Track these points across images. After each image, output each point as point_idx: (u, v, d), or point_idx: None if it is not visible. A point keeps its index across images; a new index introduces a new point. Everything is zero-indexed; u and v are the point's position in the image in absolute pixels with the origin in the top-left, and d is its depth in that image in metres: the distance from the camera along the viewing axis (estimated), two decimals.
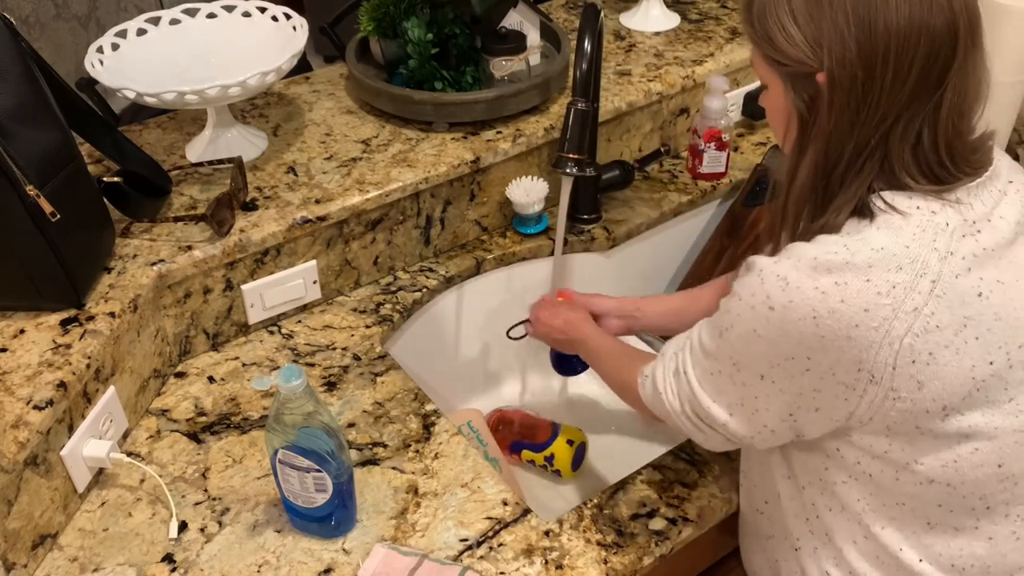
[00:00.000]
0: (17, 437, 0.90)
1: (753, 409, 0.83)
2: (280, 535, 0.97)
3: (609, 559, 0.96)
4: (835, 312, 0.74)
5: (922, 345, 0.74)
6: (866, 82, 0.74)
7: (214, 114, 1.27)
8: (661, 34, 1.62)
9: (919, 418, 0.77)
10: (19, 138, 0.95)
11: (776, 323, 0.76)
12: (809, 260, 0.75)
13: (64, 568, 0.95)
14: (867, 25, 0.73)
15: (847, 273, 0.74)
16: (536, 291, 1.45)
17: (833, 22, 0.74)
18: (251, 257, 1.18)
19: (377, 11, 1.36)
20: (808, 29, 0.76)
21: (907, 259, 0.74)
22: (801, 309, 0.75)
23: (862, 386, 0.76)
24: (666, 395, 0.91)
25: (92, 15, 3.01)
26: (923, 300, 0.74)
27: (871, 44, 0.73)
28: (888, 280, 0.73)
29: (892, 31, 0.73)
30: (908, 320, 0.73)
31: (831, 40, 0.75)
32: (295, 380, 0.85)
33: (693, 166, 1.53)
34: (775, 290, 0.76)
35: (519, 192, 1.36)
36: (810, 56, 0.76)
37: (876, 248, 0.75)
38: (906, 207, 0.77)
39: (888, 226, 0.76)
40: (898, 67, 0.74)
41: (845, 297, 0.73)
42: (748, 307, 0.79)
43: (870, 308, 0.73)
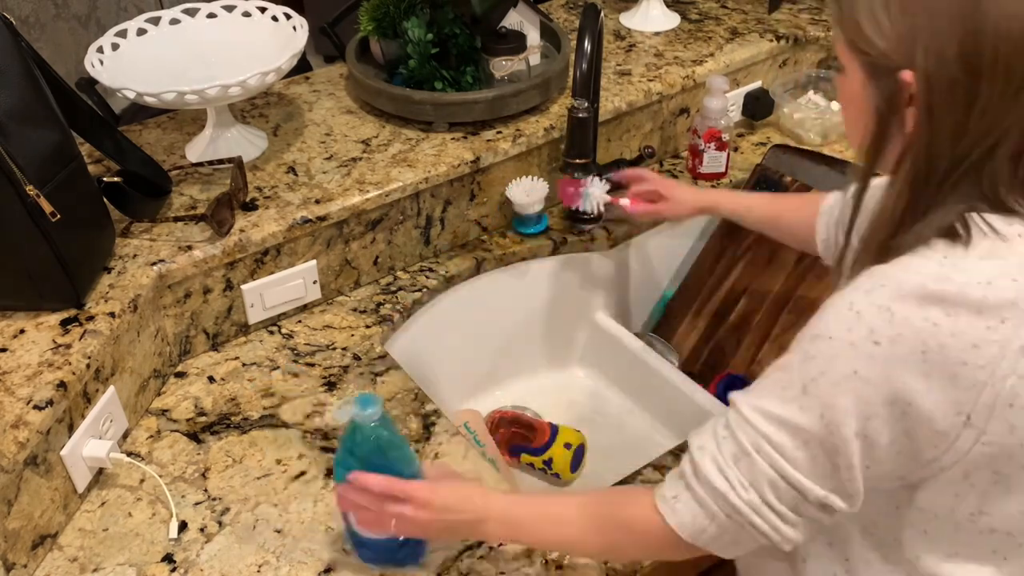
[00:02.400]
0: (17, 437, 0.90)
1: (847, 477, 0.72)
2: (280, 535, 0.97)
3: None
4: (944, 347, 0.67)
5: (1022, 388, 0.68)
6: (969, 88, 0.67)
7: (214, 114, 1.27)
8: (661, 34, 1.62)
9: (999, 463, 0.71)
10: (19, 138, 0.95)
11: (882, 360, 0.68)
12: (915, 288, 0.68)
13: (64, 568, 0.95)
14: (975, 25, 0.66)
15: (959, 305, 0.67)
16: (536, 291, 1.45)
17: (932, 16, 0.67)
18: (251, 257, 1.18)
19: (377, 11, 1.36)
20: (902, 22, 0.69)
21: (1014, 293, 0.68)
22: (910, 342, 0.68)
23: (956, 431, 0.70)
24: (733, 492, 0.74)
25: (92, 15, 3.01)
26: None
27: (976, 46, 0.66)
28: (999, 315, 0.67)
29: (1002, 34, 0.66)
30: (1014, 359, 0.68)
31: (929, 36, 0.67)
32: (372, 408, 0.81)
33: (693, 166, 1.53)
34: (880, 323, 0.68)
35: (519, 192, 1.36)
36: (899, 51, 0.69)
37: (984, 281, 0.68)
38: (1007, 232, 0.70)
39: (992, 255, 0.69)
40: (1009, 75, 0.67)
41: (956, 331, 0.67)
42: (846, 345, 0.69)
43: (979, 344, 0.67)
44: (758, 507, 0.74)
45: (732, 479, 0.74)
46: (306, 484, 1.03)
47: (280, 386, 1.15)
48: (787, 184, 1.46)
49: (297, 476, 1.04)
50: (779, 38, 1.61)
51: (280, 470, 1.04)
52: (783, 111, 1.63)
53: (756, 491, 0.74)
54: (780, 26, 1.65)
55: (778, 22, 1.66)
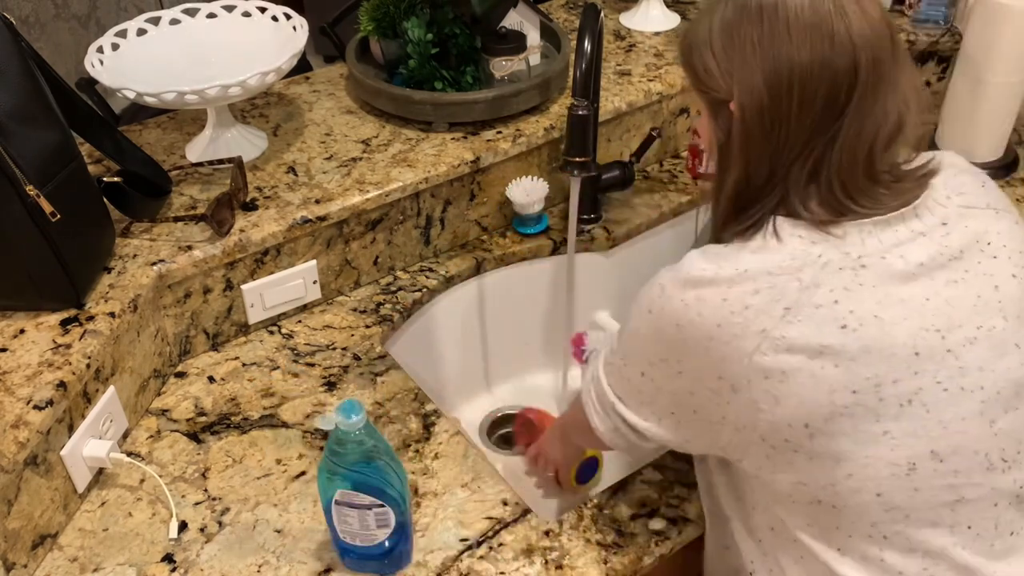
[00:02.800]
0: (17, 437, 0.90)
1: (640, 402, 0.89)
2: (280, 535, 0.97)
3: (609, 559, 0.96)
4: (693, 323, 0.81)
5: (771, 364, 0.78)
6: (772, 111, 0.80)
7: (214, 114, 1.27)
8: (661, 34, 1.62)
9: (783, 431, 0.80)
10: (19, 138, 0.95)
11: (652, 326, 0.84)
12: (684, 274, 0.83)
13: (64, 568, 0.95)
14: (771, 58, 0.79)
15: (708, 289, 0.80)
16: (537, 290, 1.46)
17: (743, 54, 0.81)
18: (251, 257, 1.18)
19: (377, 11, 1.36)
20: (723, 61, 0.82)
21: (766, 284, 0.79)
22: (668, 316, 0.82)
23: (726, 393, 0.81)
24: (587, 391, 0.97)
25: (92, 15, 3.01)
26: (773, 323, 0.78)
27: (776, 75, 0.79)
28: (742, 301, 0.79)
29: (795, 65, 0.78)
30: (755, 340, 0.78)
31: (740, 71, 0.81)
32: (355, 416, 0.81)
33: (693, 166, 1.53)
34: (654, 296, 0.84)
35: (519, 192, 1.36)
36: (723, 85, 0.83)
37: (740, 270, 0.80)
38: (787, 235, 0.82)
39: (762, 251, 0.81)
40: (803, 99, 0.79)
41: (702, 311, 0.80)
42: (637, 309, 0.87)
43: (722, 324, 0.79)
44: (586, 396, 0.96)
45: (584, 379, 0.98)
46: (306, 484, 1.03)
47: (280, 386, 1.15)
48: None
49: (297, 476, 1.04)
50: None
51: (280, 470, 1.04)
52: None
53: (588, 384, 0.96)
54: None
55: None
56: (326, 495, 0.87)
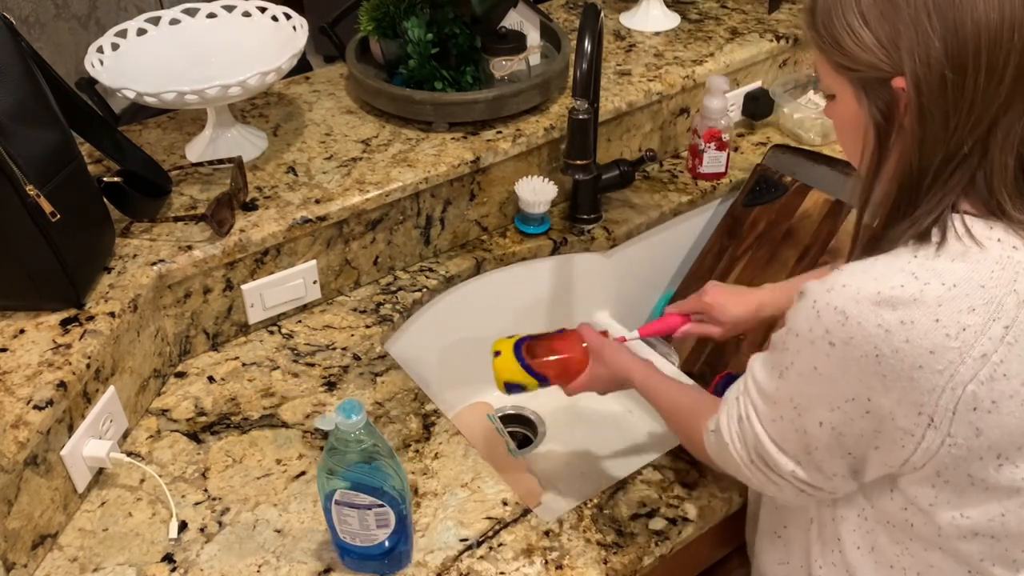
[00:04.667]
0: (17, 437, 0.90)
1: (820, 458, 0.78)
2: (280, 535, 0.97)
3: (609, 559, 0.96)
4: (899, 352, 0.69)
5: (986, 393, 0.70)
6: (956, 83, 0.69)
7: (214, 114, 1.27)
8: (661, 34, 1.62)
9: (972, 465, 0.73)
10: (19, 138, 0.95)
11: (837, 360, 0.72)
12: (871, 294, 0.70)
13: (64, 568, 0.95)
14: (953, 22, 0.68)
15: (914, 311, 0.69)
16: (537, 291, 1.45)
17: (913, 21, 0.69)
18: (251, 257, 1.18)
19: (377, 11, 1.36)
20: (881, 30, 0.71)
21: (981, 300, 0.69)
22: (862, 346, 0.70)
23: (921, 431, 0.72)
24: (733, 445, 0.85)
25: (92, 15, 3.01)
26: (993, 346, 0.69)
27: (959, 42, 0.68)
28: (959, 322, 0.68)
29: (982, 27, 0.67)
30: (975, 366, 0.69)
31: (911, 40, 0.69)
32: (355, 416, 0.81)
33: (693, 166, 1.53)
34: (834, 325, 0.71)
35: (527, 190, 1.36)
36: (885, 59, 0.71)
37: (949, 284, 0.69)
38: (985, 237, 0.71)
39: (964, 258, 0.70)
40: (991, 65, 0.68)
41: (910, 337, 0.69)
42: (807, 343, 0.74)
43: (936, 351, 0.69)
44: (747, 464, 0.85)
45: (734, 436, 0.85)
46: (306, 484, 1.03)
47: (280, 386, 1.15)
48: (787, 184, 1.46)
49: (297, 476, 1.04)
50: (779, 38, 1.61)
51: (280, 470, 1.04)
52: (783, 111, 1.63)
53: (747, 451, 0.84)
54: (780, 26, 1.65)
55: (778, 22, 1.66)
56: (326, 495, 0.87)
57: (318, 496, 0.98)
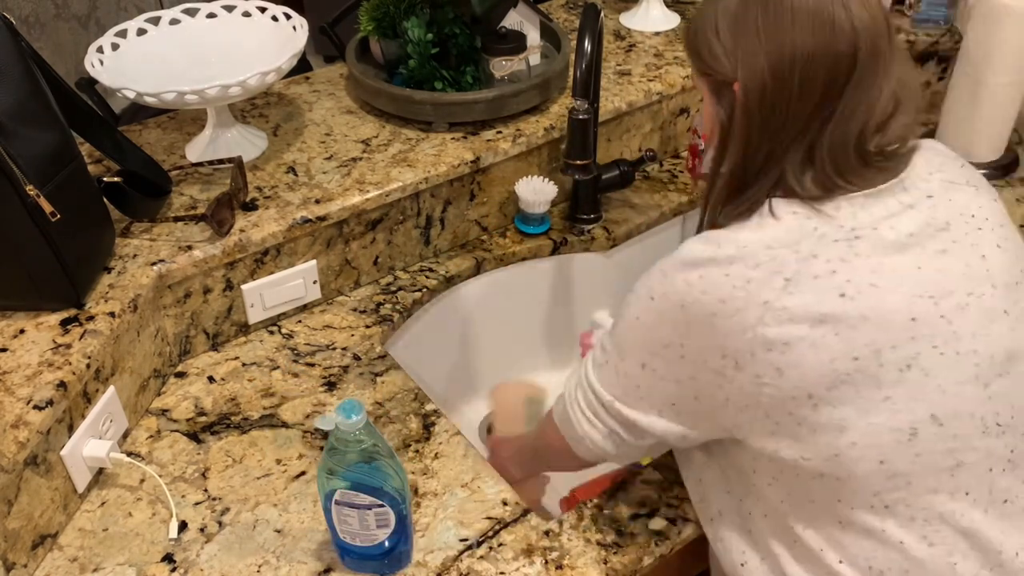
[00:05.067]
0: (17, 437, 0.90)
1: (638, 397, 0.90)
2: (280, 535, 0.97)
3: (609, 559, 0.96)
4: (698, 301, 0.82)
5: (775, 335, 0.79)
6: (775, 93, 0.82)
7: (214, 114, 1.27)
8: (661, 34, 1.62)
9: (787, 404, 0.81)
10: (19, 138, 0.95)
11: (654, 310, 0.86)
12: (684, 256, 0.85)
13: (64, 568, 0.95)
14: (777, 41, 0.81)
15: (710, 268, 0.82)
16: (537, 290, 1.46)
17: (747, 37, 0.83)
18: (251, 257, 1.18)
19: (377, 11, 1.36)
20: (727, 42, 0.85)
21: (766, 257, 0.81)
22: (672, 298, 0.84)
23: (729, 372, 0.82)
24: (567, 393, 0.98)
25: (92, 15, 3.01)
26: (775, 295, 0.80)
27: (779, 59, 0.81)
28: (744, 275, 0.81)
29: (798, 48, 0.80)
30: (759, 311, 0.80)
31: (745, 52, 0.83)
32: (355, 416, 0.81)
33: (693, 166, 1.53)
34: (656, 282, 0.86)
35: (527, 190, 1.36)
36: (727, 66, 0.85)
37: (740, 246, 0.82)
38: (782, 212, 0.84)
39: (760, 228, 0.83)
40: (804, 81, 0.81)
41: (706, 288, 0.82)
42: (636, 297, 0.88)
43: (726, 299, 0.81)
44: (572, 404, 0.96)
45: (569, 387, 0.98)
46: (306, 484, 1.03)
47: (280, 386, 1.15)
48: None
49: (297, 476, 1.04)
50: None
51: (280, 470, 1.04)
52: None
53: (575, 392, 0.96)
54: None
55: None
56: (326, 495, 0.87)
57: (318, 496, 0.98)
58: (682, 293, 0.83)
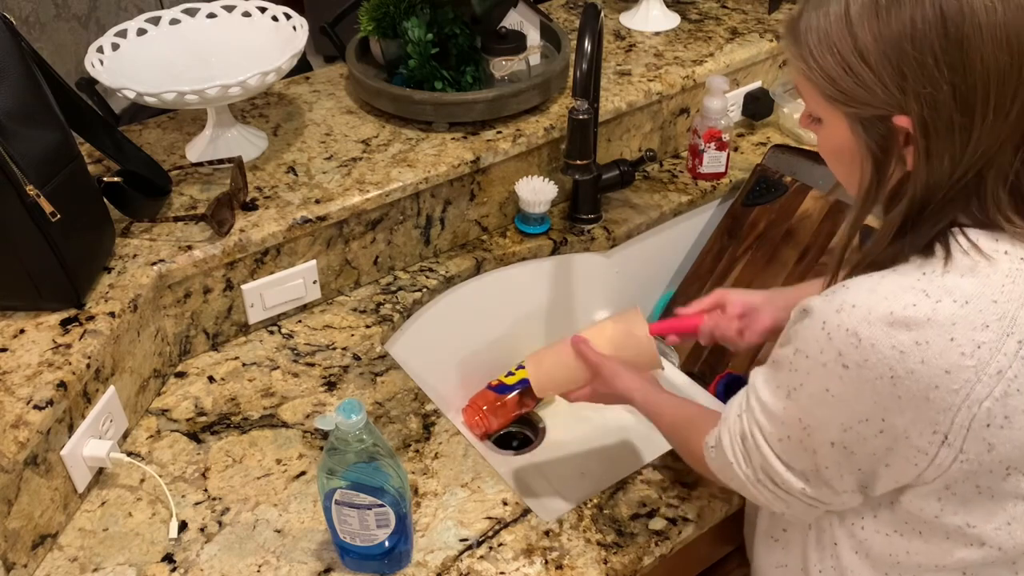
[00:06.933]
0: (17, 437, 0.90)
1: (829, 476, 0.78)
2: (280, 535, 0.97)
3: (609, 559, 0.96)
4: (914, 373, 0.69)
5: (1000, 409, 0.70)
6: (964, 125, 0.69)
7: (214, 114, 1.27)
8: (661, 34, 1.62)
9: (979, 478, 0.74)
10: (19, 138, 0.95)
11: (851, 382, 0.71)
12: (883, 314, 0.69)
13: (64, 568, 0.95)
14: (962, 67, 0.67)
15: (928, 330, 0.68)
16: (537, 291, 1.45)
17: (920, 64, 0.67)
18: (251, 257, 1.18)
19: (377, 11, 1.36)
20: (884, 71, 0.69)
21: (994, 315, 0.69)
22: (877, 368, 0.69)
23: (935, 449, 0.72)
24: (737, 464, 0.84)
25: (92, 15, 3.01)
26: (1008, 362, 0.69)
27: (967, 86, 0.67)
28: (973, 339, 0.68)
29: (991, 70, 0.67)
30: (991, 384, 0.69)
31: (918, 84, 0.68)
32: (355, 416, 0.81)
33: (693, 166, 1.53)
34: (847, 348, 0.70)
35: (527, 190, 1.36)
36: (887, 100, 0.70)
37: (961, 301, 0.69)
38: (992, 251, 0.71)
39: (973, 273, 0.70)
40: (999, 104, 0.68)
41: (926, 358, 0.68)
42: (819, 365, 0.73)
43: (952, 370, 0.68)
44: (754, 483, 0.84)
45: (737, 454, 0.84)
46: (306, 484, 1.03)
47: (280, 386, 1.15)
48: (787, 184, 1.46)
49: (297, 476, 1.04)
50: (779, 38, 1.61)
51: (280, 470, 1.04)
52: (783, 111, 1.63)
53: (753, 470, 0.83)
54: (780, 26, 1.65)
55: (778, 22, 1.66)
56: (326, 495, 0.87)
57: (318, 496, 0.98)
58: (892, 362, 0.69)
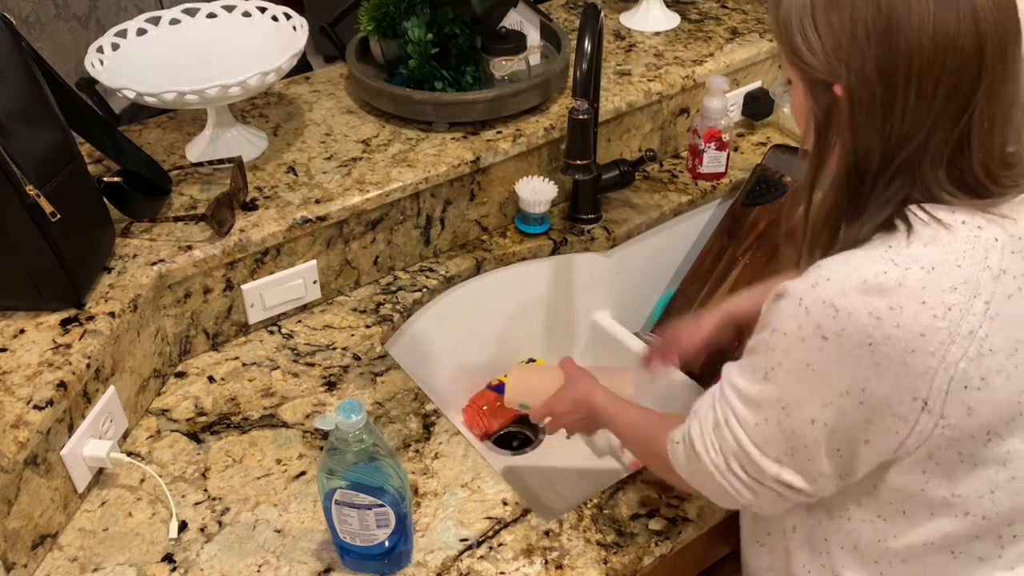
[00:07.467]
0: (17, 437, 0.90)
1: (806, 458, 0.77)
2: (280, 535, 0.98)
3: (609, 559, 0.96)
4: (891, 338, 0.70)
5: (975, 370, 0.71)
6: (886, 100, 0.72)
7: (214, 114, 1.27)
8: (661, 34, 1.62)
9: (961, 444, 0.74)
10: (19, 138, 0.95)
11: (831, 353, 0.72)
12: (857, 283, 0.71)
13: (64, 568, 0.95)
14: (888, 41, 0.70)
15: (901, 295, 0.70)
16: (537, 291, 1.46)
17: (852, 35, 0.72)
18: (251, 257, 1.18)
19: (377, 11, 1.36)
20: (828, 39, 0.73)
21: (960, 279, 0.71)
22: (856, 337, 0.71)
23: (915, 416, 0.72)
24: (707, 453, 0.83)
25: (92, 15, 3.01)
26: (978, 322, 0.70)
27: (892, 61, 0.70)
28: (943, 301, 0.70)
29: (915, 50, 0.70)
30: (964, 344, 0.70)
31: (850, 54, 0.72)
32: (355, 416, 0.81)
33: (693, 166, 1.53)
34: (825, 319, 0.71)
35: (527, 189, 1.36)
36: (827, 67, 0.74)
37: (928, 267, 0.71)
38: (950, 221, 0.73)
39: (935, 242, 0.72)
40: (921, 87, 0.71)
41: (901, 322, 0.70)
42: (798, 340, 0.73)
43: (927, 332, 0.70)
44: (724, 472, 0.82)
45: (708, 444, 0.83)
46: (306, 484, 1.03)
47: (280, 386, 1.15)
48: (787, 184, 1.46)
49: (297, 476, 1.04)
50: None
51: (280, 470, 1.04)
52: (783, 111, 1.63)
53: (723, 458, 0.82)
54: None
55: None
56: (326, 495, 0.87)
57: (318, 496, 0.98)
58: (869, 329, 0.70)
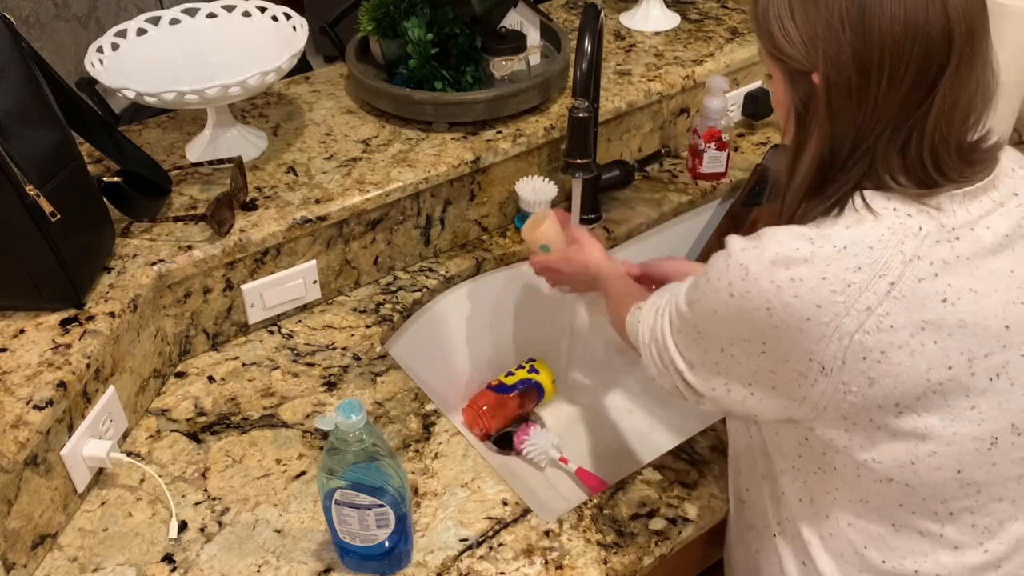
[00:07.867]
0: (17, 437, 0.90)
1: (713, 372, 0.86)
2: (280, 535, 0.98)
3: (609, 559, 0.96)
4: (788, 306, 0.76)
5: (873, 343, 0.75)
6: (861, 86, 0.76)
7: (214, 114, 1.27)
8: (661, 34, 1.62)
9: (871, 412, 0.78)
10: (19, 138, 0.95)
11: (734, 308, 0.80)
12: (771, 254, 0.78)
13: (64, 568, 0.95)
14: (861, 29, 0.74)
15: (804, 268, 0.76)
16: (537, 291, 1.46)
17: (828, 24, 0.75)
18: (251, 257, 1.18)
19: (377, 11, 1.36)
20: (804, 29, 0.77)
21: (868, 259, 0.76)
22: (756, 300, 0.78)
23: (813, 375, 0.78)
24: (642, 324, 0.95)
25: (92, 15, 3.01)
26: (878, 300, 0.75)
27: (866, 48, 0.74)
28: (844, 279, 0.75)
29: (887, 36, 0.74)
30: (860, 318, 0.75)
31: (826, 42, 0.76)
32: (355, 416, 0.81)
33: (693, 166, 1.53)
34: (736, 278, 0.79)
35: (527, 189, 1.36)
36: (805, 56, 0.78)
37: (839, 246, 0.76)
38: (881, 208, 0.78)
39: (858, 225, 0.77)
40: (893, 72, 0.75)
41: (799, 293, 0.76)
42: (713, 288, 0.82)
43: (823, 304, 0.75)
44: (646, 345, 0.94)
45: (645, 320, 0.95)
46: (306, 484, 1.03)
47: (280, 386, 1.15)
48: None
49: (297, 476, 1.04)
50: None
51: (280, 470, 1.04)
52: None
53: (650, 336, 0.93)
54: None
55: None
56: (326, 495, 0.87)
57: (318, 496, 0.98)
58: (769, 295, 0.77)
